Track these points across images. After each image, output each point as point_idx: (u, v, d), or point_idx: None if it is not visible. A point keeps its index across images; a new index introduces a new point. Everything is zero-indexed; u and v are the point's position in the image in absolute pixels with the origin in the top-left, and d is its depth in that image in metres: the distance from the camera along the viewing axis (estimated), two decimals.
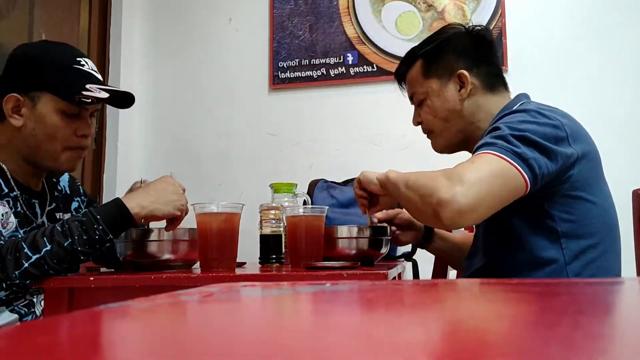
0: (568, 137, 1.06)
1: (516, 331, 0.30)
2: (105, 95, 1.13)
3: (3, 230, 1.08)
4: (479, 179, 0.95)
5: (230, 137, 2.53)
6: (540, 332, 0.28)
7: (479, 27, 1.27)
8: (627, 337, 0.28)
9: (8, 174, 1.16)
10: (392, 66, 1.93)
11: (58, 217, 1.26)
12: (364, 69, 2.40)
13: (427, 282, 0.82)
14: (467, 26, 1.28)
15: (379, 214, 1.33)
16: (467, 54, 1.24)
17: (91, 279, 0.98)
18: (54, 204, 1.26)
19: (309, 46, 2.47)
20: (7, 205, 1.12)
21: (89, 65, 1.18)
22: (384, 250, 1.24)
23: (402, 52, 1.41)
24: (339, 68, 2.42)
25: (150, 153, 2.62)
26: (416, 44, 1.32)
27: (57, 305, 0.98)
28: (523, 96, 1.23)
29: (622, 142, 2.11)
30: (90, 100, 1.12)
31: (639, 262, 1.33)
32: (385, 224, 1.31)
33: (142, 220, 1.09)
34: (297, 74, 2.47)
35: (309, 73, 2.45)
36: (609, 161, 2.10)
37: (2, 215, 1.10)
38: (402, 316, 0.40)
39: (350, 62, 2.42)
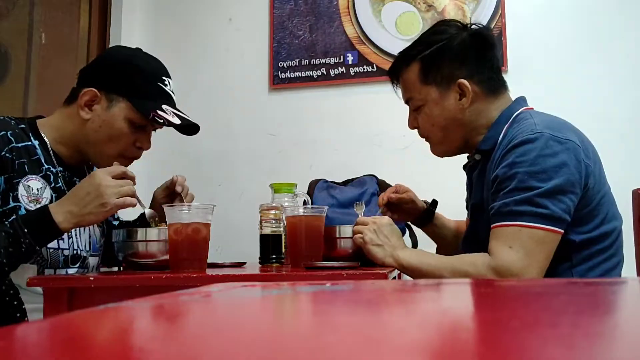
0: (583, 151, 1.06)
1: (516, 331, 0.30)
2: (177, 121, 1.19)
3: (38, 205, 1.08)
4: (525, 266, 0.99)
5: (230, 137, 2.52)
6: (540, 332, 0.28)
7: (478, 27, 1.20)
8: (627, 337, 0.28)
9: (51, 150, 1.17)
10: None
11: None
12: (364, 69, 2.39)
13: (426, 282, 0.82)
14: (465, 24, 1.21)
15: (391, 195, 1.35)
16: (467, 59, 1.18)
17: (91, 279, 0.98)
18: None
19: (309, 46, 2.47)
20: (41, 180, 1.13)
21: (170, 85, 1.26)
22: None
23: None
24: (339, 68, 2.42)
25: (150, 153, 2.61)
26: None
27: (57, 305, 0.98)
28: (522, 100, 1.21)
29: (622, 142, 2.11)
30: (162, 121, 1.17)
31: (639, 262, 1.33)
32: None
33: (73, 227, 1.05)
34: (297, 74, 2.46)
35: (309, 73, 2.45)
36: (609, 161, 2.10)
37: (37, 190, 1.11)
38: (402, 316, 0.40)
39: (350, 62, 2.41)
